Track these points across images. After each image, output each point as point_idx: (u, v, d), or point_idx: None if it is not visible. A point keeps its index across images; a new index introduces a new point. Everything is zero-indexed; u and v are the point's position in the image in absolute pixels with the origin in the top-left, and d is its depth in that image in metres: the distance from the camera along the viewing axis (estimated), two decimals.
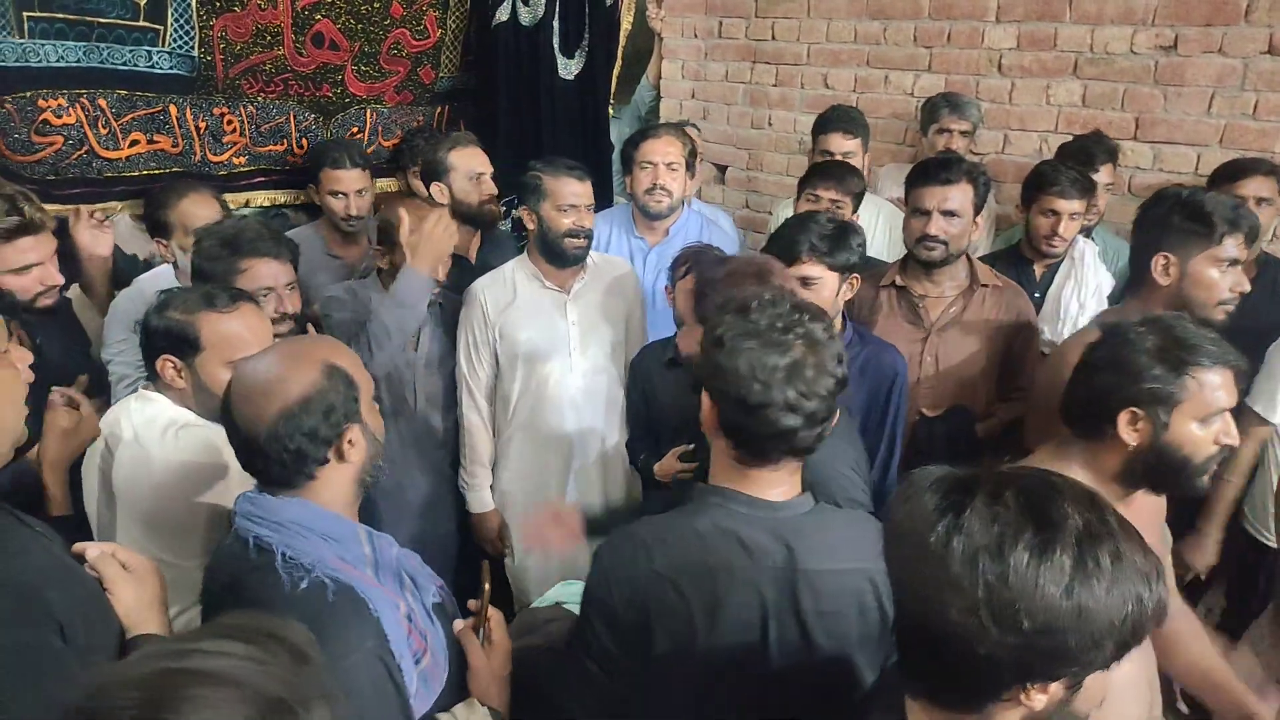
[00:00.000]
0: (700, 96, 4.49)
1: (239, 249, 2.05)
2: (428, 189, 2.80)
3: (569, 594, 1.79)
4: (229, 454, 1.38)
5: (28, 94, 2.47)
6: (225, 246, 2.05)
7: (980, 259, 2.66)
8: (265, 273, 2.06)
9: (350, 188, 2.92)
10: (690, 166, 3.00)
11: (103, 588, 1.25)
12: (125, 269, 2.65)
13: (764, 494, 1.37)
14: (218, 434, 1.68)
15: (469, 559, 2.66)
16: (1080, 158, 2.90)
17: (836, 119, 3.18)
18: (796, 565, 1.32)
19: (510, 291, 2.51)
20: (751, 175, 4.38)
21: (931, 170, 2.40)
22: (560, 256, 2.46)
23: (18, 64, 2.43)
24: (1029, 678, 0.88)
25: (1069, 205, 2.67)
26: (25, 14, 2.41)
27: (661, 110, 4.55)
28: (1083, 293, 2.75)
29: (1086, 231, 2.88)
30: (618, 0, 3.64)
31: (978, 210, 2.38)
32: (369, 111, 3.29)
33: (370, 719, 1.19)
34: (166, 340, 1.68)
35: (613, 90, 3.85)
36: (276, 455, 1.25)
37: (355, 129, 3.28)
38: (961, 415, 2.44)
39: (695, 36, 4.41)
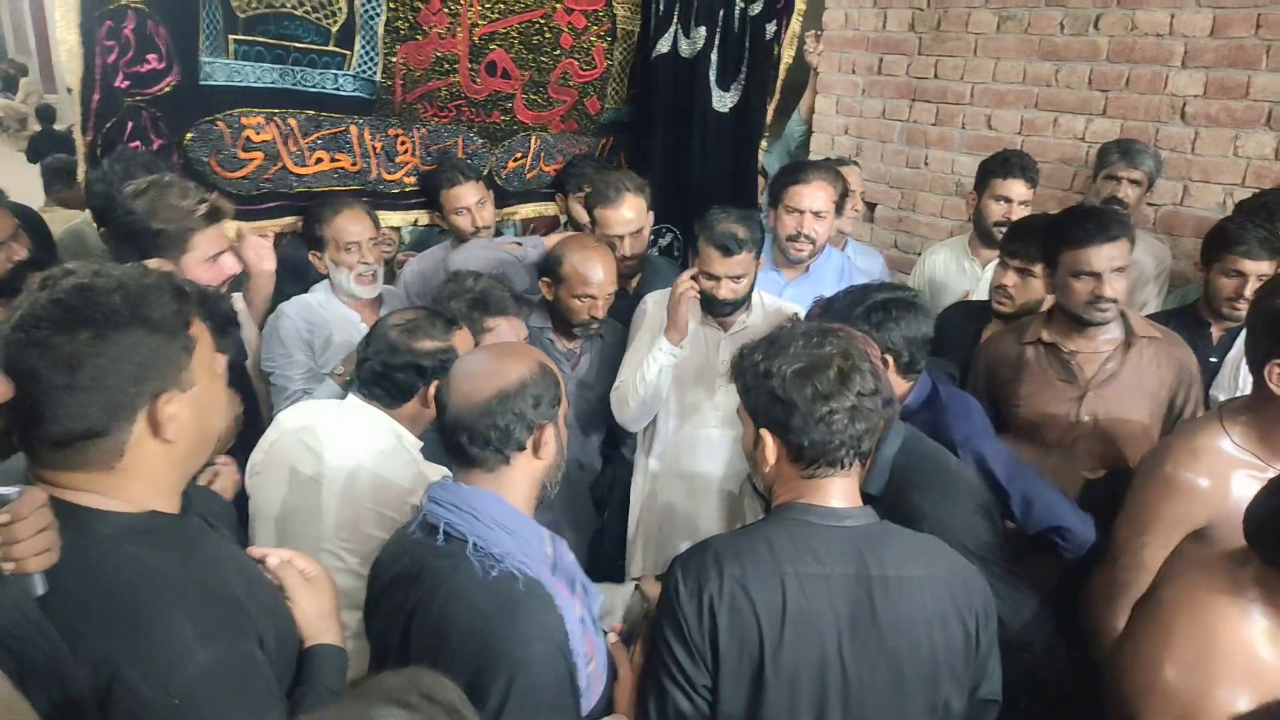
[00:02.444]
0: (854, 133, 4.43)
1: (488, 308, 2.24)
2: (590, 215, 2.86)
3: None
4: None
5: (234, 112, 2.68)
6: (475, 306, 2.23)
7: (1152, 317, 2.51)
8: (508, 329, 2.26)
9: (469, 201, 3.01)
10: (840, 208, 2.91)
11: (283, 594, 1.27)
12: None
13: (830, 502, 1.41)
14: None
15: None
16: (1262, 214, 2.69)
17: (1020, 165, 3.05)
18: (870, 572, 1.34)
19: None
20: (903, 215, 4.28)
21: (1092, 230, 2.21)
22: (707, 310, 2.51)
23: (227, 83, 2.64)
24: None
25: (1256, 267, 2.48)
26: (231, 37, 2.63)
27: (813, 145, 4.52)
28: None
29: None
30: (778, 34, 3.65)
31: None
32: (534, 138, 3.41)
33: (549, 707, 1.23)
34: (436, 366, 1.85)
35: (768, 124, 3.85)
36: (484, 430, 1.35)
37: (520, 154, 3.40)
38: (1124, 477, 2.28)
39: (853, 72, 4.36)
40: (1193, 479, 1.76)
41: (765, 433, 1.41)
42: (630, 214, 2.78)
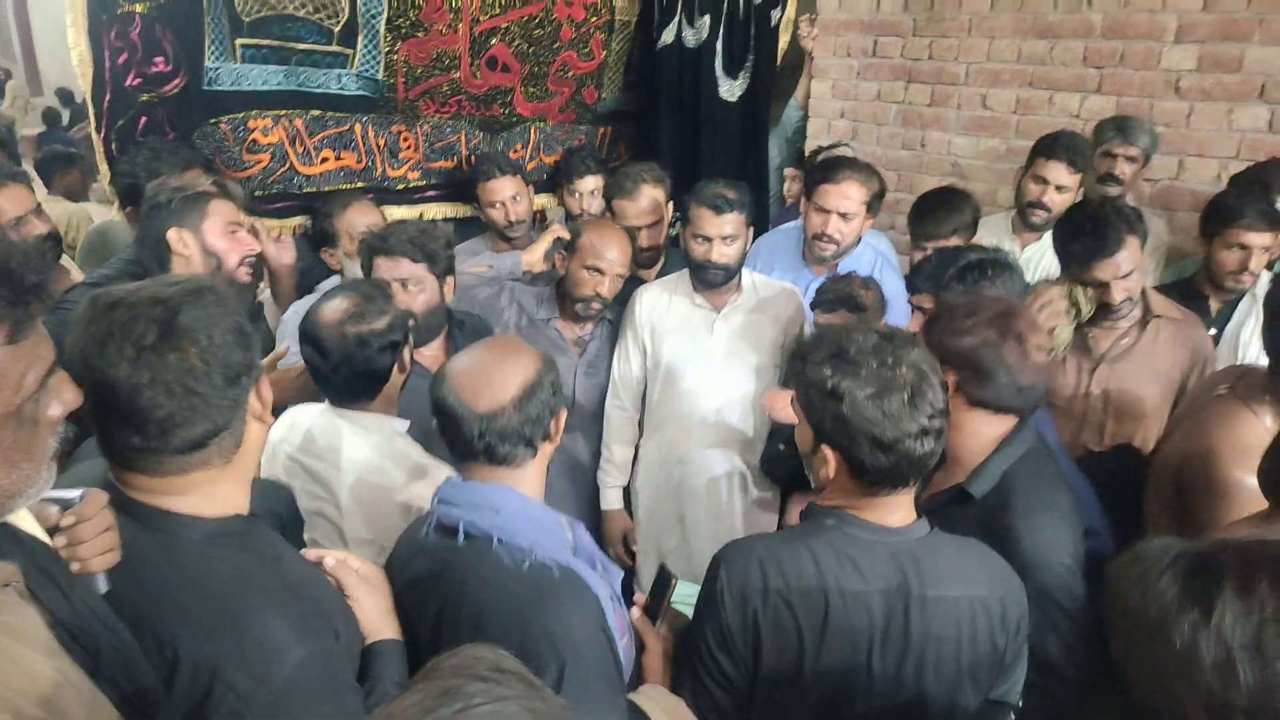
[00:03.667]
0: (850, 116, 4.45)
1: (373, 250, 2.23)
2: (609, 205, 2.89)
3: (683, 595, 1.78)
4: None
5: (240, 115, 2.71)
6: (363, 248, 2.25)
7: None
8: (386, 267, 2.22)
9: (504, 195, 3.04)
10: (872, 208, 2.82)
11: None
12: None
13: (884, 520, 1.39)
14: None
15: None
16: (1258, 187, 2.73)
17: (1066, 147, 2.96)
18: (910, 590, 1.34)
19: (666, 301, 2.61)
20: (900, 197, 4.30)
21: (1092, 248, 2.21)
22: (699, 280, 2.54)
23: (233, 88, 2.67)
24: None
25: (1259, 239, 2.52)
26: (238, 41, 2.65)
27: (809, 130, 4.54)
28: None
29: (1269, 266, 2.72)
30: (780, 20, 3.67)
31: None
32: (533, 129, 3.44)
33: (603, 683, 1.27)
34: (403, 338, 1.82)
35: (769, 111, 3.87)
36: (518, 427, 1.35)
37: (519, 145, 3.43)
38: (1130, 453, 2.33)
39: (848, 55, 4.38)
40: (1244, 478, 1.74)
41: (826, 448, 1.38)
42: (646, 205, 2.82)
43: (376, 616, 1.30)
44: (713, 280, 2.51)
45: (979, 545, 1.45)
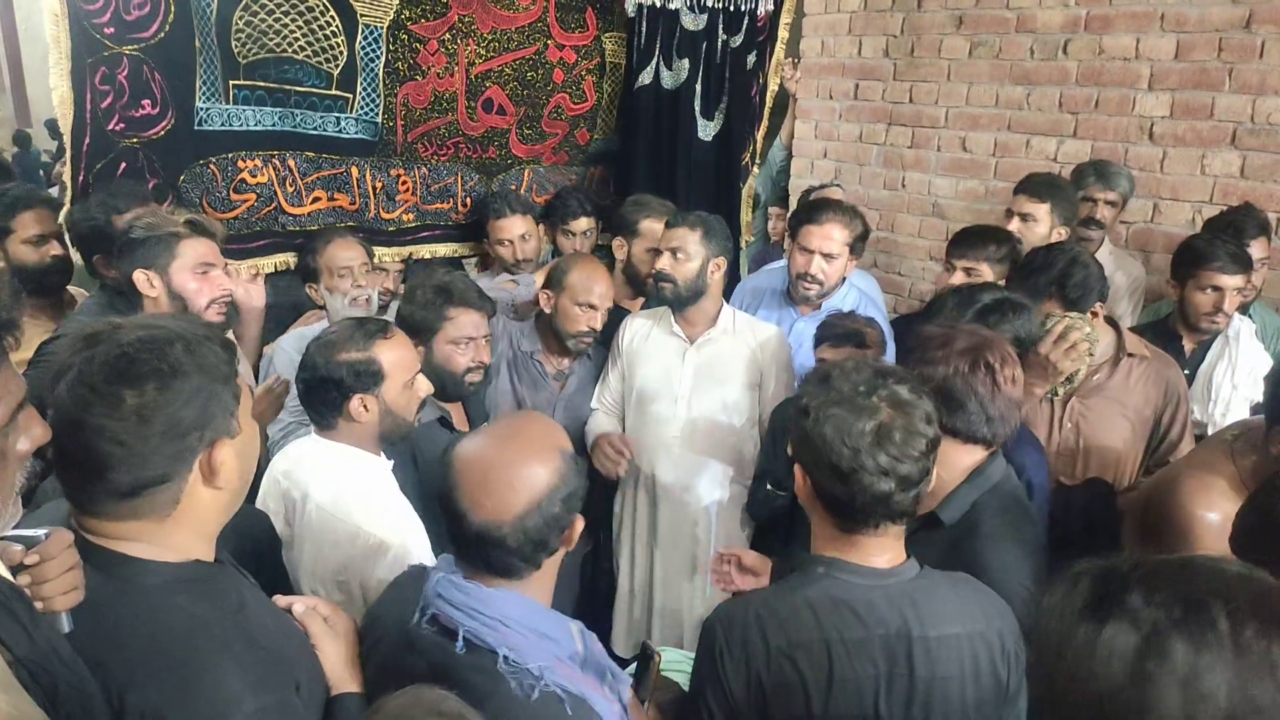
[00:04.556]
0: (832, 156, 4.54)
1: (450, 297, 2.21)
2: (637, 225, 2.98)
3: (668, 661, 1.74)
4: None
5: (229, 155, 2.73)
6: (439, 294, 2.21)
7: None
8: (468, 322, 2.22)
9: (513, 234, 3.09)
10: (856, 249, 2.86)
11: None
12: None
13: (870, 561, 1.37)
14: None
15: (584, 606, 2.80)
16: (1229, 231, 2.81)
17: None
18: (911, 632, 1.32)
19: (648, 329, 2.69)
20: (881, 236, 4.39)
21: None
22: (655, 291, 2.61)
23: (224, 128, 2.69)
24: None
25: (1232, 280, 2.59)
26: (232, 82, 2.68)
27: (793, 169, 4.62)
28: (1236, 373, 2.66)
29: (1243, 308, 2.78)
30: (761, 63, 3.75)
31: (1090, 304, 2.30)
32: (527, 171, 3.49)
33: None
34: (354, 379, 1.76)
35: (758, 150, 3.93)
36: (517, 547, 1.21)
37: (513, 186, 3.48)
38: (1101, 487, 2.38)
39: (830, 98, 4.48)
40: (1205, 515, 1.79)
41: (798, 467, 1.38)
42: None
43: (341, 668, 1.27)
44: (661, 293, 2.58)
45: (971, 580, 1.45)
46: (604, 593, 2.87)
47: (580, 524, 1.29)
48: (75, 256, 2.55)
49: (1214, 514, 1.79)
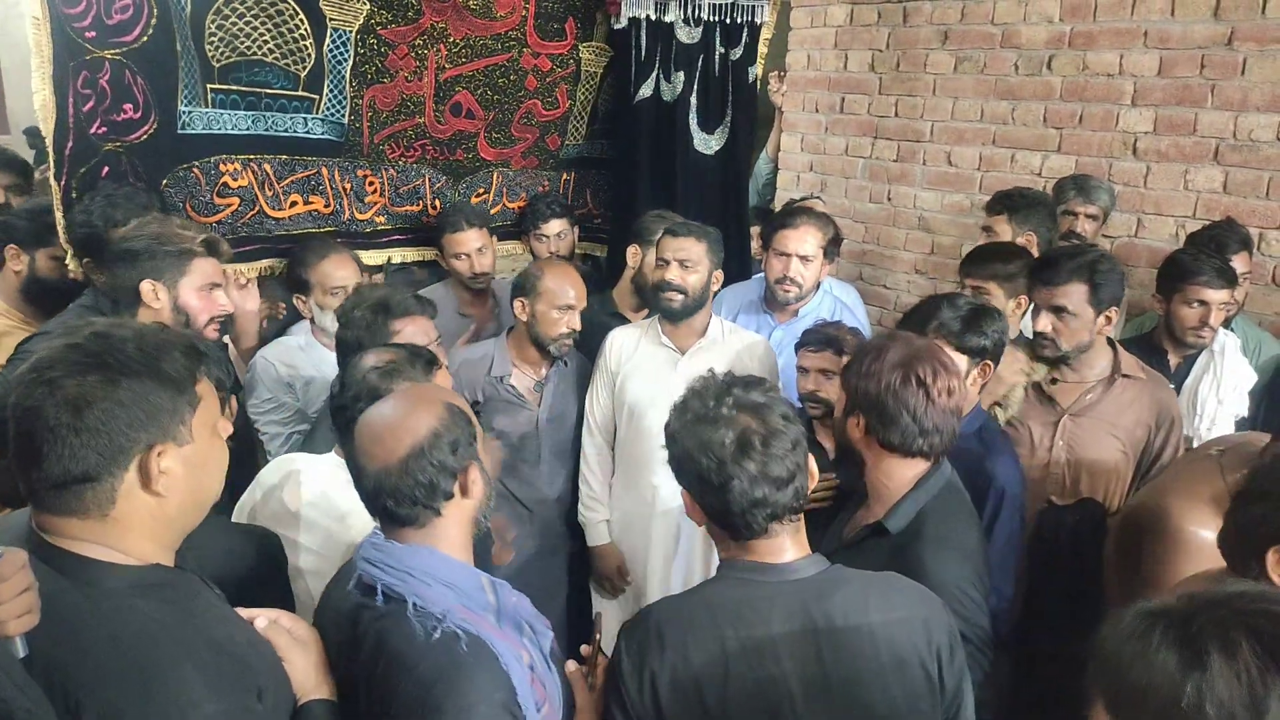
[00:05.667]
0: (818, 169, 4.52)
1: (390, 311, 2.18)
2: (658, 242, 2.85)
3: None
4: None
5: (211, 159, 2.70)
6: (378, 312, 2.17)
7: None
8: (416, 331, 2.20)
9: (470, 248, 3.05)
10: (829, 254, 2.95)
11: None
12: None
13: (773, 558, 1.36)
14: None
15: (573, 604, 2.80)
16: (1212, 246, 2.79)
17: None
18: (817, 626, 1.30)
19: (635, 341, 2.66)
20: (866, 249, 4.37)
21: (1039, 267, 2.39)
22: (656, 305, 2.61)
23: (205, 131, 2.66)
24: None
25: (1217, 295, 2.57)
26: (209, 85, 2.64)
27: (779, 182, 4.60)
28: (1222, 388, 2.63)
29: (1226, 323, 2.76)
30: (758, 78, 3.74)
31: (1106, 304, 2.30)
32: (496, 174, 3.46)
33: None
34: None
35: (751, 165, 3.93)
36: (409, 490, 1.28)
37: (482, 189, 3.45)
38: (1091, 507, 2.34)
39: (816, 111, 4.46)
40: (1197, 531, 1.76)
41: (683, 491, 1.40)
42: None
43: (308, 675, 1.27)
44: (667, 305, 2.54)
45: (892, 575, 1.43)
46: (586, 601, 2.84)
47: (476, 473, 1.34)
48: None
49: (1207, 531, 1.73)
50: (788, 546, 1.37)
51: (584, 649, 1.51)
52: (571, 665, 1.46)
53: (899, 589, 1.38)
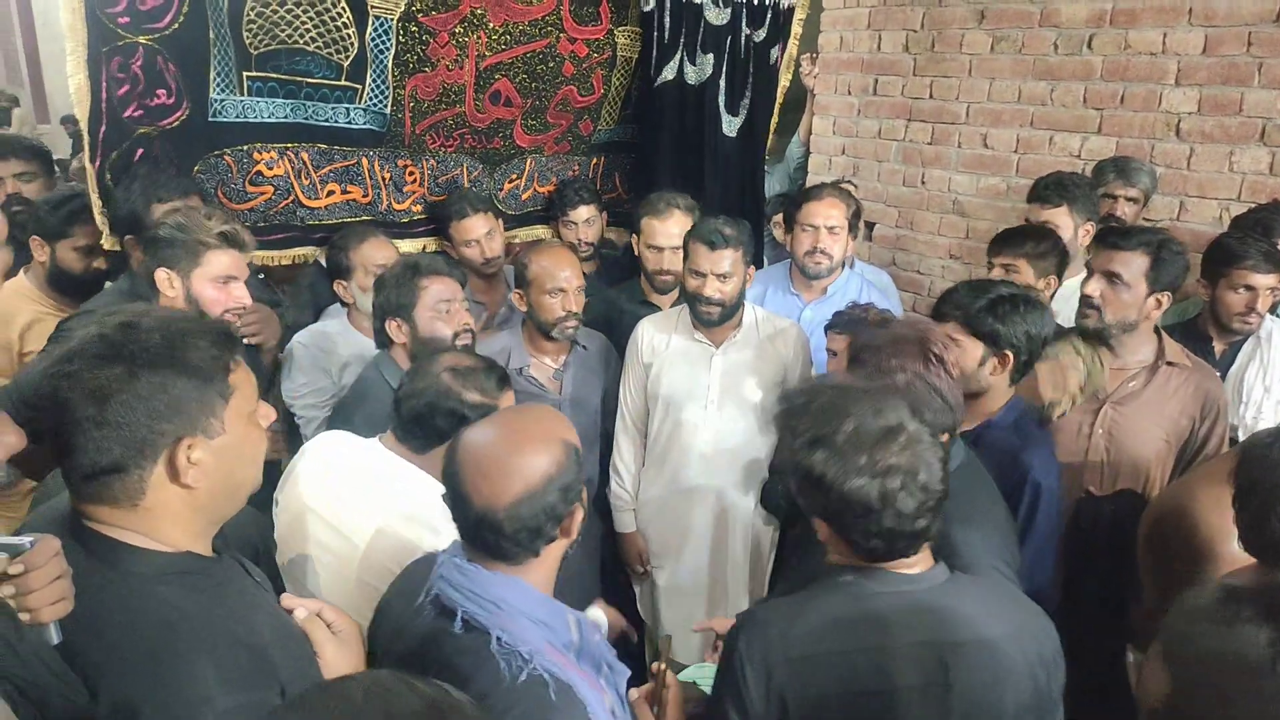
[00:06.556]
0: (851, 153, 4.48)
1: (419, 270, 2.27)
2: (637, 224, 3.02)
3: (702, 676, 1.73)
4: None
5: (245, 147, 2.71)
6: (407, 270, 2.27)
7: None
8: (443, 288, 2.27)
9: (479, 233, 3.03)
10: (853, 228, 3.00)
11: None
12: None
13: (905, 569, 1.35)
14: None
15: (603, 584, 2.76)
16: (1259, 229, 2.74)
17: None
18: (940, 639, 1.29)
19: (666, 333, 2.63)
20: (900, 234, 4.33)
21: (1107, 231, 2.38)
22: (694, 315, 2.55)
23: (238, 119, 2.67)
24: None
25: (1265, 280, 2.52)
26: (245, 74, 2.66)
27: (811, 166, 4.56)
28: (1269, 375, 2.59)
29: (1273, 308, 2.71)
30: (779, 58, 3.70)
31: (1162, 286, 2.25)
32: (529, 160, 3.46)
33: None
34: (477, 419, 1.71)
35: (769, 146, 3.90)
36: (513, 533, 1.23)
37: (515, 176, 3.45)
38: (1132, 499, 2.30)
39: (849, 93, 4.42)
40: (1230, 547, 1.67)
41: (820, 522, 1.34)
42: (675, 229, 2.88)
43: (343, 673, 1.22)
44: (705, 317, 2.52)
45: (999, 581, 1.42)
46: (612, 586, 2.83)
47: (580, 515, 1.30)
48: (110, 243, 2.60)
49: (1235, 544, 1.70)
50: (918, 559, 1.36)
51: (654, 666, 1.49)
52: (634, 694, 1.43)
53: (1010, 601, 1.38)
